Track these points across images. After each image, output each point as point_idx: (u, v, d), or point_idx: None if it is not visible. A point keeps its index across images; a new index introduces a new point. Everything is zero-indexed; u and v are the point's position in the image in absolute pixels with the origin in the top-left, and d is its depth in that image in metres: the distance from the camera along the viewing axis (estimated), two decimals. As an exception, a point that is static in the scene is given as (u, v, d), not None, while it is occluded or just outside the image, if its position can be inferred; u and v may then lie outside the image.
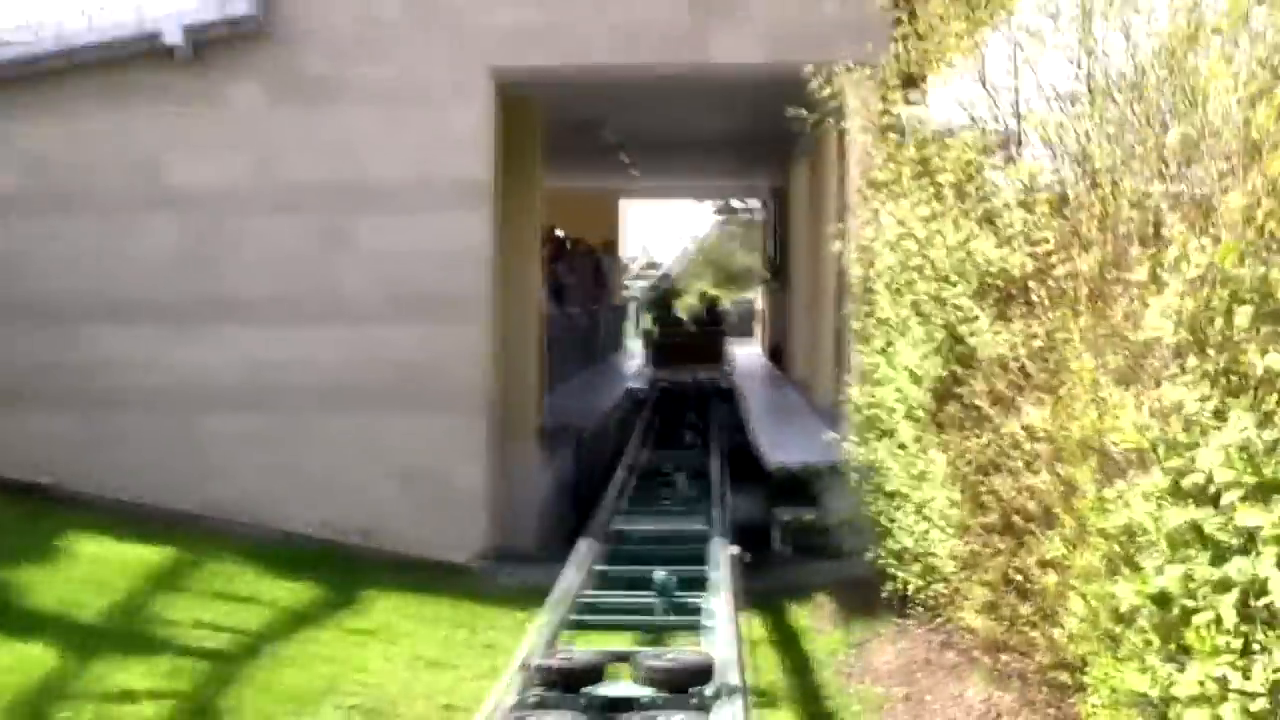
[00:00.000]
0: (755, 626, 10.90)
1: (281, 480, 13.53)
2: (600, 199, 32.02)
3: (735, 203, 48.90)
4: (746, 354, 30.50)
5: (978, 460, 8.55)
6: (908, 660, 9.58)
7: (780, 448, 13.81)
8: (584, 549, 11.17)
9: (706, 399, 25.04)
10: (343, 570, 12.65)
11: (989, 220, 8.84)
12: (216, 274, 13.55)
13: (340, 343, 13.46)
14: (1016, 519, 7.87)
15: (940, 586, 9.51)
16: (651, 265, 52.98)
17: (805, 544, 13.34)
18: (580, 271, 22.16)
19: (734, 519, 13.08)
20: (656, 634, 9.73)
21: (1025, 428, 7.41)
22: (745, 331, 39.08)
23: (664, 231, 53.60)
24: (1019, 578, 7.88)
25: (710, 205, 50.36)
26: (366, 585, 12.22)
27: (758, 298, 37.51)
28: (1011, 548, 8.13)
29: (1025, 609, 7.85)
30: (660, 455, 17.80)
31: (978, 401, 8.49)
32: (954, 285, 8.96)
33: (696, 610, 9.41)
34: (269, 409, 13.54)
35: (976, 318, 8.72)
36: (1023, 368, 7.85)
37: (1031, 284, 7.62)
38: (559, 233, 21.81)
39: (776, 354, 26.90)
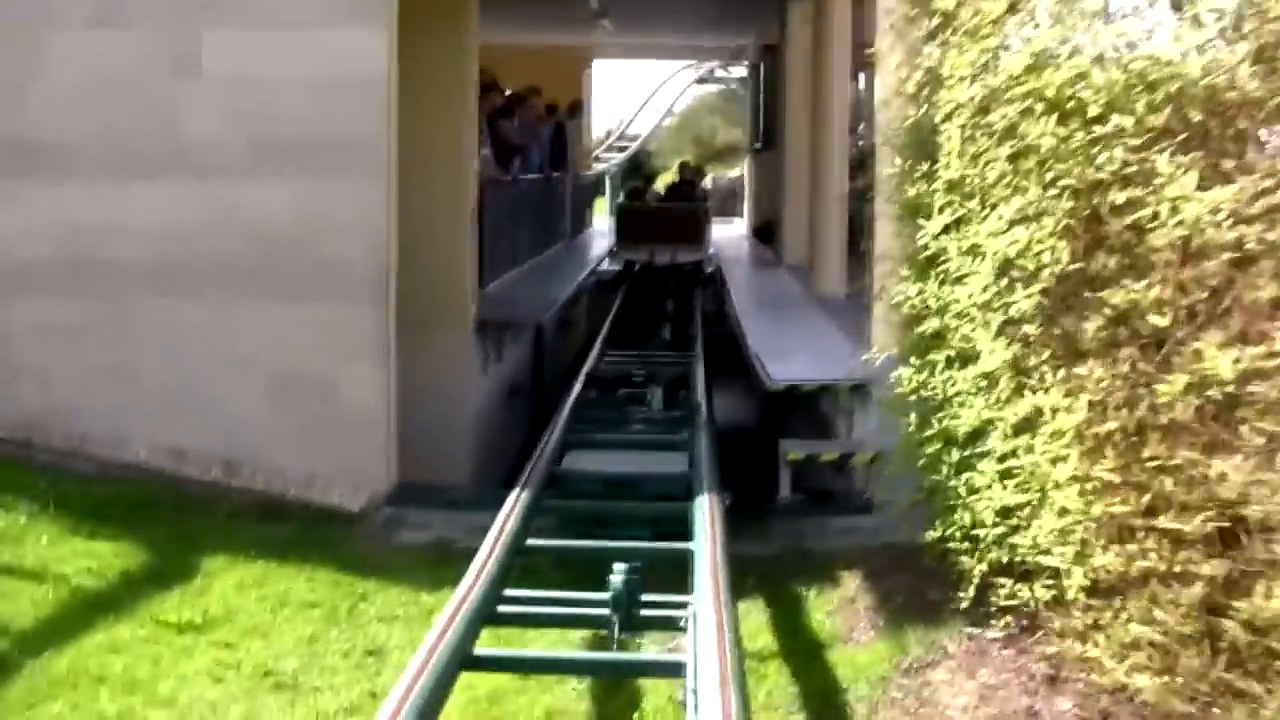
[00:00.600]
0: (753, 625, 7.47)
1: (110, 390, 9.97)
2: (566, 57, 28.21)
3: (718, 71, 45.43)
4: (730, 234, 26.88)
5: (1143, 414, 5.20)
6: (999, 710, 6.12)
7: (783, 357, 10.28)
8: (514, 506, 7.72)
9: (687, 286, 21.52)
10: (183, 522, 9.16)
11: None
12: (14, 109, 9.86)
13: (184, 203, 9.82)
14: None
15: (1045, 591, 6.14)
16: (626, 137, 49.11)
17: (821, 489, 9.88)
18: (536, 134, 18.34)
19: (721, 452, 9.62)
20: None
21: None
22: (728, 210, 35.52)
23: (640, 102, 49.31)
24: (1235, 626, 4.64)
25: (690, 74, 46.71)
26: (212, 547, 8.74)
27: (743, 172, 33.78)
28: (1220, 572, 4.86)
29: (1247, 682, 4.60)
30: (630, 359, 14.25)
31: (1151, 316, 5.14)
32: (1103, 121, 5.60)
33: (672, 624, 6.08)
34: (89, 292, 9.94)
35: (1147, 172, 5.35)
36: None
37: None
38: (507, 90, 17.86)
39: (765, 233, 23.30)
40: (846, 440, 9.79)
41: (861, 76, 16.61)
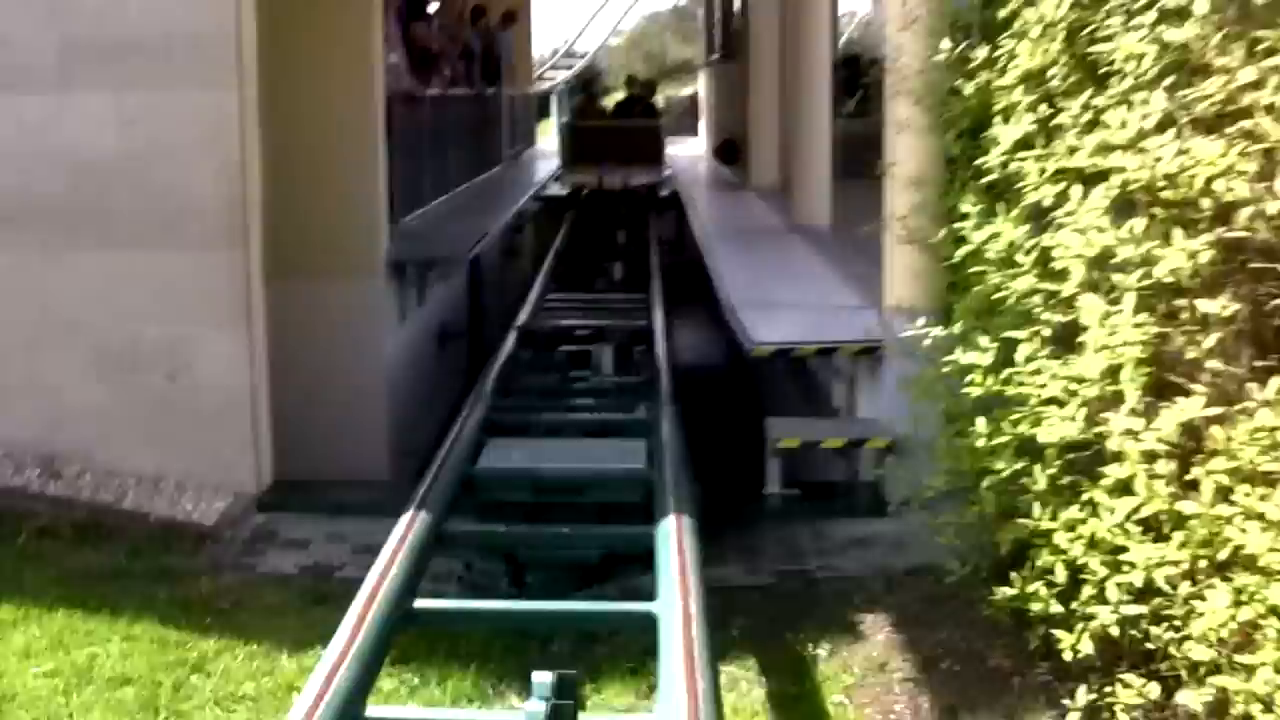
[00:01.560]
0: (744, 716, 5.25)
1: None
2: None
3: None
4: (687, 154, 24.42)
5: None
6: None
7: (767, 311, 7.96)
8: (401, 544, 5.45)
9: (642, 213, 19.13)
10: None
11: None
12: None
13: (-27, 120, 7.45)
14: None
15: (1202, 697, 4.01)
16: (572, 54, 46.38)
17: (820, 481, 7.61)
18: (460, 41, 15.80)
19: (691, 436, 7.35)
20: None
21: None
22: (683, 130, 33.08)
23: (587, 16, 46.61)
24: None
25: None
26: (2, 586, 6.45)
27: (698, 88, 31.27)
28: None
29: None
30: (576, 305, 11.92)
31: None
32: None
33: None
34: None
35: None
36: None
37: None
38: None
39: (728, 152, 20.84)
40: (853, 420, 7.53)
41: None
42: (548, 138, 27.44)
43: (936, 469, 5.63)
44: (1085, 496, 4.40)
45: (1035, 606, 4.62)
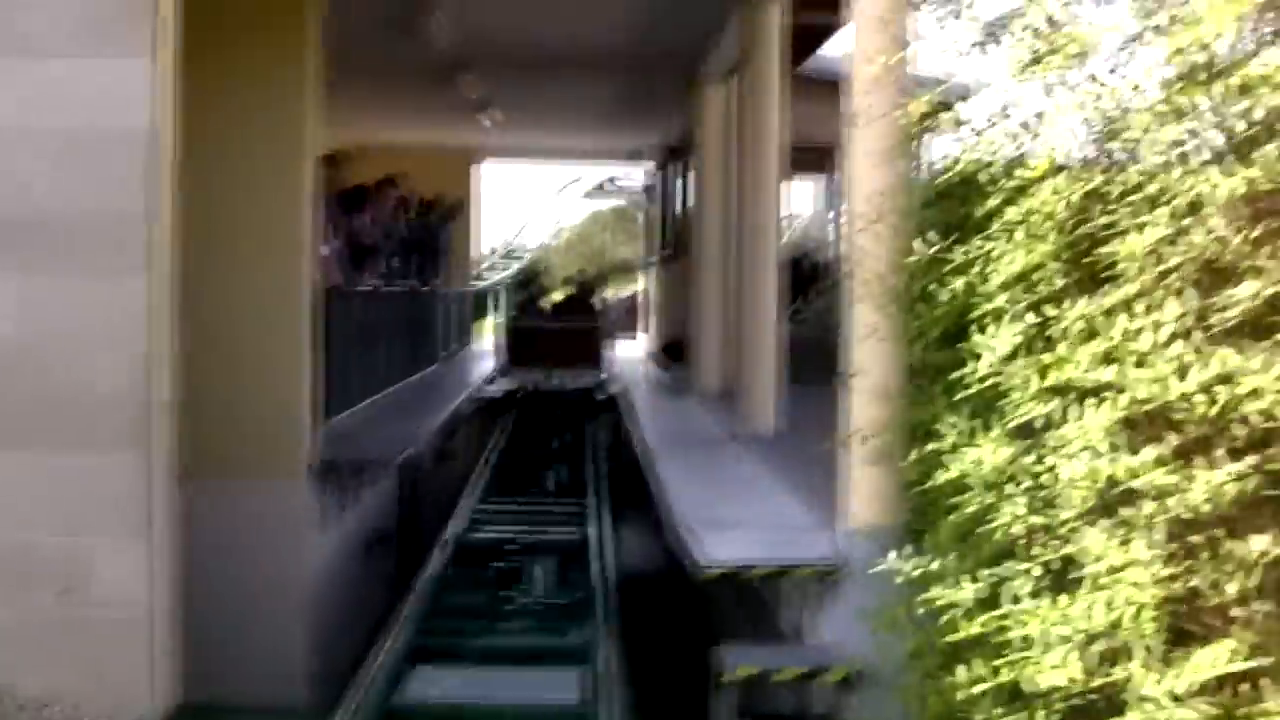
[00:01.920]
0: None
1: None
2: (447, 160, 25.34)
3: (611, 182, 42.89)
4: (628, 356, 24.04)
5: None
6: None
7: (717, 527, 7.38)
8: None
9: (581, 417, 18.69)
10: None
11: None
12: None
13: None
14: None
15: None
16: (512, 254, 46.32)
17: (770, 716, 6.96)
18: (399, 235, 15.41)
19: (636, 664, 6.71)
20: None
21: None
22: (624, 328, 32.81)
23: (530, 214, 46.78)
24: None
25: (581, 187, 44.17)
26: None
27: (641, 287, 31.06)
28: None
29: None
30: (510, 513, 11.33)
31: None
32: None
33: None
34: None
35: None
36: None
37: None
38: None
39: (672, 352, 20.50)
40: (807, 648, 6.93)
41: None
42: (486, 337, 27.06)
43: (906, 713, 5.05)
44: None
45: None
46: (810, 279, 16.82)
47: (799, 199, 24.88)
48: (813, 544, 6.86)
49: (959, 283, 4.76)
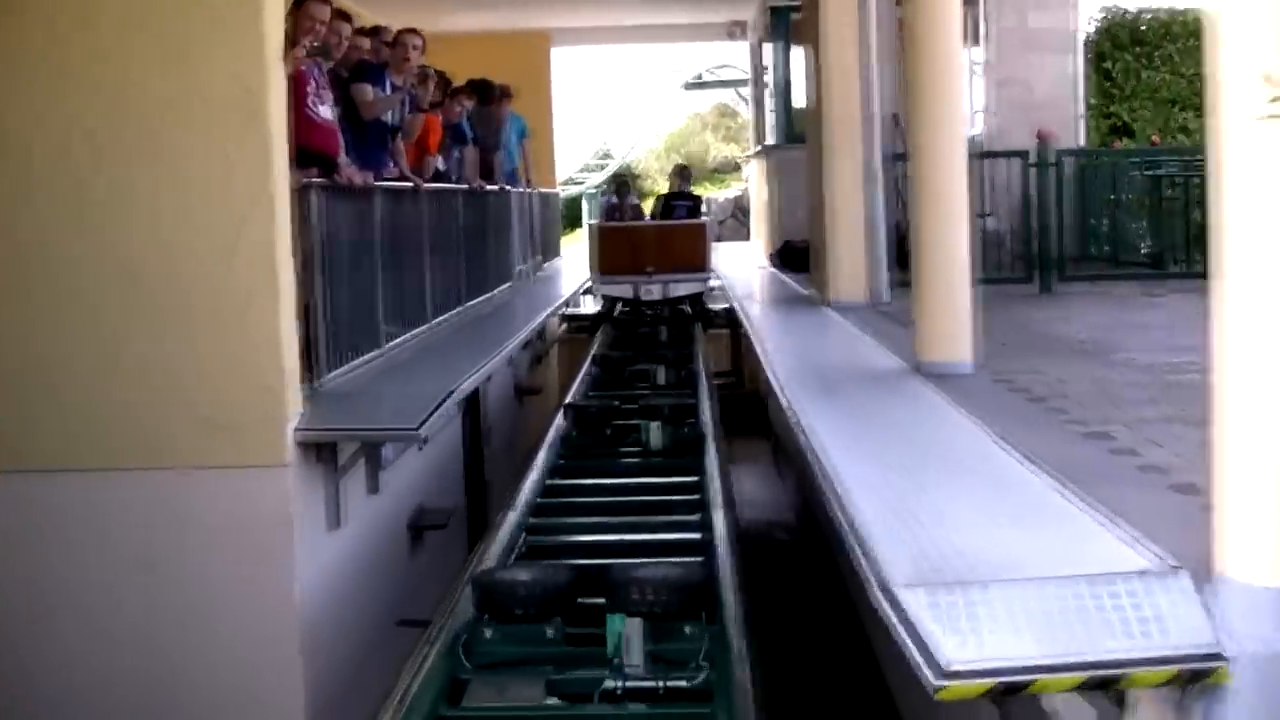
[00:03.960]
0: None
1: None
2: (518, 45, 22.06)
3: (711, 72, 39.40)
4: (737, 261, 20.61)
5: None
6: None
7: (960, 584, 3.90)
8: None
9: (687, 335, 15.57)
10: None
11: None
12: None
13: None
14: None
15: None
16: (606, 156, 42.93)
17: None
18: (442, 118, 11.93)
19: None
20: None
21: None
22: (729, 234, 29.44)
23: (620, 117, 43.26)
24: None
25: (677, 80, 40.67)
26: None
27: (750, 182, 27.51)
28: None
29: None
30: (583, 504, 8.08)
31: None
32: None
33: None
34: None
35: None
36: None
37: None
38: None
39: (791, 258, 17.13)
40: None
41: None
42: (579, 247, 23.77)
43: None
44: None
45: None
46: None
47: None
48: (1162, 619, 3.47)
49: None
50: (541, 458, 9.00)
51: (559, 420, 9.86)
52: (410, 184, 10.06)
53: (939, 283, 7.63)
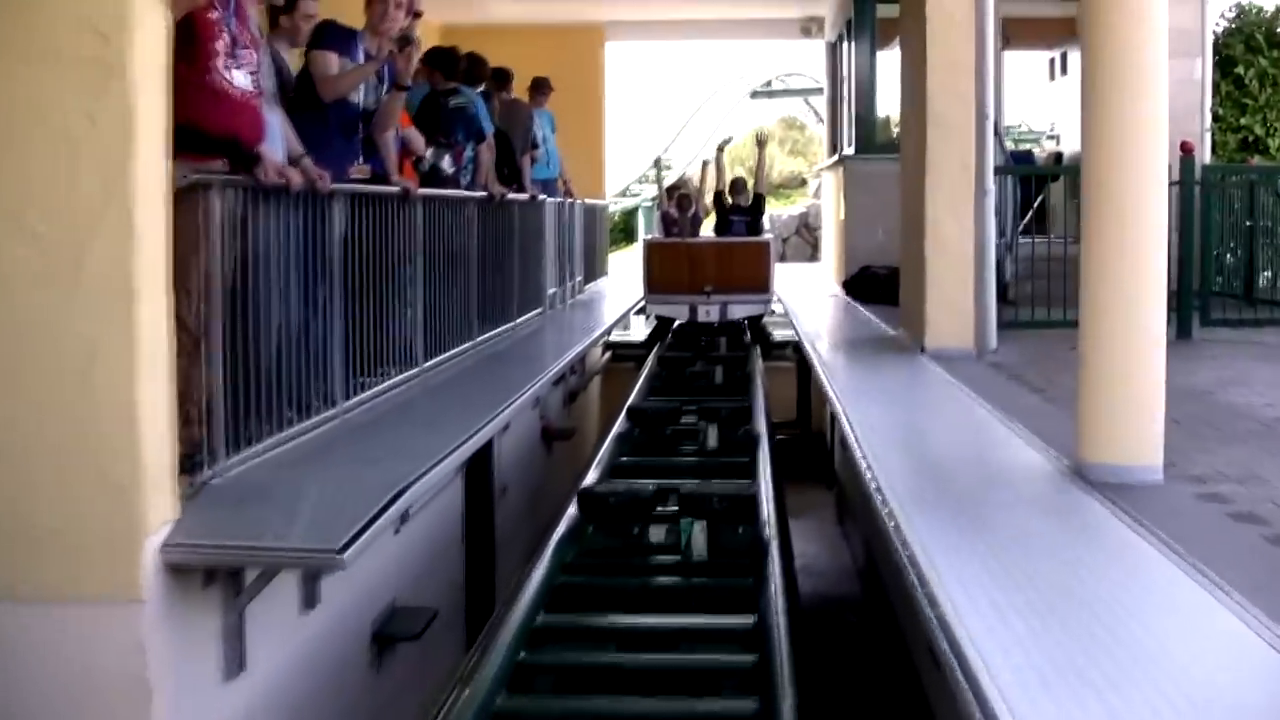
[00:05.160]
0: None
1: None
2: (571, 36, 20.03)
3: (780, 80, 37.24)
4: (803, 284, 18.29)
5: None
6: None
7: None
8: None
9: (744, 365, 13.57)
10: None
11: None
12: None
13: None
14: None
15: None
16: (666, 167, 40.56)
17: None
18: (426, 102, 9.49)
19: None
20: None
21: None
22: (793, 255, 27.18)
23: (681, 121, 40.79)
24: None
25: (742, 88, 38.46)
26: None
27: (823, 195, 25.08)
28: None
29: None
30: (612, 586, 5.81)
31: None
32: None
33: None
34: None
35: None
36: None
37: None
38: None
39: (864, 287, 14.94)
40: None
41: None
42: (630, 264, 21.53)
43: None
44: None
45: None
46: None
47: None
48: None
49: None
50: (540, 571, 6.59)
51: (571, 511, 7.38)
52: (397, 189, 7.75)
53: (1118, 353, 5.25)
